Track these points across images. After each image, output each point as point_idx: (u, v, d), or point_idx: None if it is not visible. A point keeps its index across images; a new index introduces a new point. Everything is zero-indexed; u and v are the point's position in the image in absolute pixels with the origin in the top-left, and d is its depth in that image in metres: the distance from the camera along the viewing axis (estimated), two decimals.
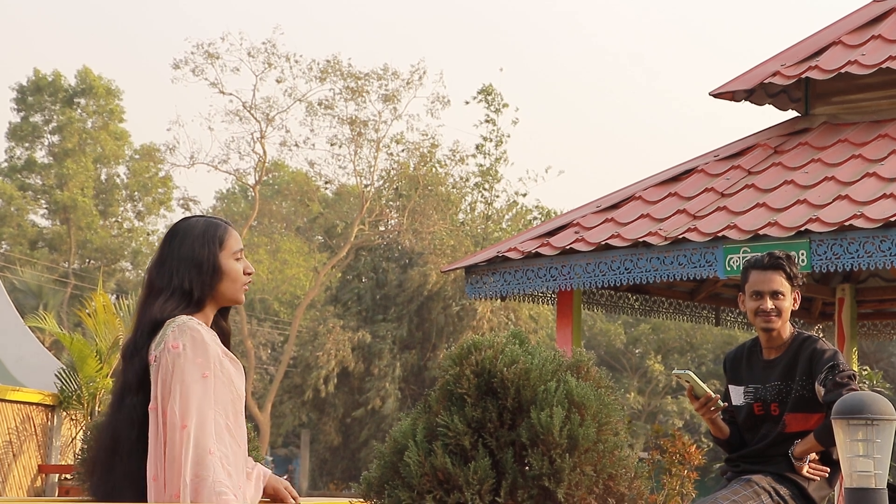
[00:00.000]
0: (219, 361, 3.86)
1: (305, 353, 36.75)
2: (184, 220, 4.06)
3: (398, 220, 38.28)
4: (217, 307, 4.02)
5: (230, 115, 37.10)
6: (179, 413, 3.75)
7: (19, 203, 45.73)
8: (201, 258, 3.93)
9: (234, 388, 3.89)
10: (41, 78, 46.52)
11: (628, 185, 11.10)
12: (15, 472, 14.75)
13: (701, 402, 5.40)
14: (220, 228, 3.99)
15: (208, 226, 3.98)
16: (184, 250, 3.94)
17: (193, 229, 3.98)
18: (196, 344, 3.82)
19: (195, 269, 3.92)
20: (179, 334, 3.84)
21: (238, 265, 3.98)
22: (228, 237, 3.98)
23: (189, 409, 3.76)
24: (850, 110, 10.88)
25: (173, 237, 3.98)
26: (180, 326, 3.85)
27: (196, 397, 3.78)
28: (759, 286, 5.43)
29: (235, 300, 4.01)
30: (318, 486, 37.63)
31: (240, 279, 3.98)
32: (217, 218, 4.08)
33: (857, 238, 9.05)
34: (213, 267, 3.92)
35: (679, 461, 11.81)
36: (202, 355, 3.82)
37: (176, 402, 3.77)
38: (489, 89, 39.34)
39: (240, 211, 48.48)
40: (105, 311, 15.33)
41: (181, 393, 3.78)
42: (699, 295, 12.23)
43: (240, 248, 4.01)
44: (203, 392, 3.80)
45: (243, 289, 4.02)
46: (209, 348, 3.84)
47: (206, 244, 3.94)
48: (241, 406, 3.94)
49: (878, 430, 4.31)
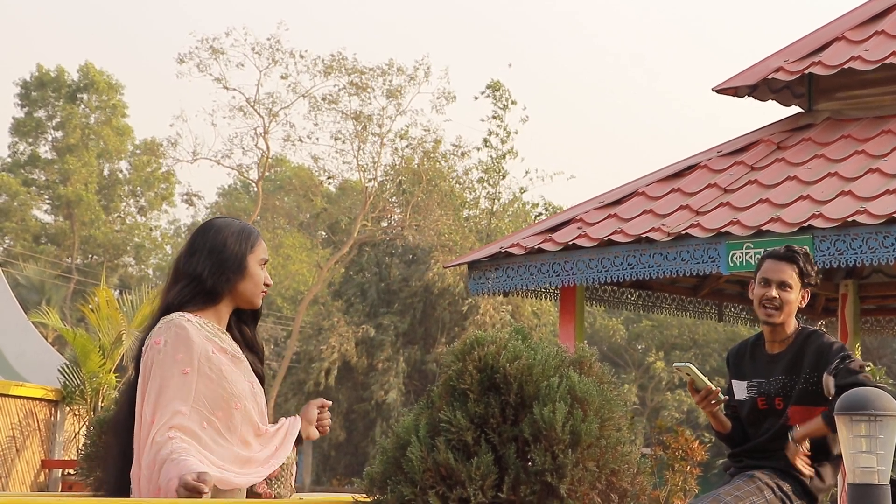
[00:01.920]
0: (206, 358, 3.84)
1: (309, 347, 36.78)
2: (219, 217, 4.17)
3: (401, 216, 38.28)
4: (234, 306, 4.05)
5: (233, 111, 37.15)
6: (151, 410, 3.76)
7: (23, 199, 45.75)
8: (231, 252, 4.01)
9: (228, 386, 3.86)
10: (44, 73, 46.54)
11: (631, 181, 11.10)
12: (18, 468, 14.77)
13: (701, 395, 5.40)
14: (254, 232, 4.11)
15: (243, 227, 4.10)
16: (217, 242, 4.02)
17: (230, 226, 4.08)
18: (179, 340, 3.83)
19: (221, 261, 3.99)
20: (165, 330, 3.86)
21: (261, 272, 4.07)
22: (259, 243, 4.09)
23: (160, 405, 3.75)
24: (853, 106, 10.88)
25: (208, 230, 4.06)
26: (168, 322, 3.87)
27: (170, 393, 3.76)
28: (768, 274, 5.44)
29: (252, 303, 4.07)
30: (322, 482, 37.68)
31: (260, 284, 4.05)
32: (250, 224, 4.19)
33: (860, 234, 9.05)
34: (239, 263, 4.00)
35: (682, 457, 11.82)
36: (184, 351, 3.82)
37: (151, 399, 3.77)
38: (497, 85, 39.32)
39: (242, 207, 48.51)
40: (108, 306, 15.37)
41: (156, 389, 3.78)
42: (702, 291, 12.24)
43: (266, 257, 4.11)
44: (179, 387, 3.78)
45: (261, 294, 4.08)
46: (193, 345, 3.83)
47: (239, 241, 4.04)
48: (244, 405, 3.89)
49: (881, 426, 4.31)
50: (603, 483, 3.53)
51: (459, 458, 3.46)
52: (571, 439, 3.46)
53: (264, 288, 4.08)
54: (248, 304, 4.07)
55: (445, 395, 3.63)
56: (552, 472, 3.43)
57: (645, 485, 3.64)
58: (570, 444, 3.46)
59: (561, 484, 3.43)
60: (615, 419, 3.59)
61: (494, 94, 39.30)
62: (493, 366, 3.59)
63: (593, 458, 3.49)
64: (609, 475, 3.54)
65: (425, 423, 3.58)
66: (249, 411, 3.90)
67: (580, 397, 3.54)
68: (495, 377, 3.57)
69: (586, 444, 3.48)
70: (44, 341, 18.30)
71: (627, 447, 3.59)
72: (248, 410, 3.90)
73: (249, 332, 4.13)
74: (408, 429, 3.60)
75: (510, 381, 3.55)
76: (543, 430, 3.45)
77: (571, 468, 3.44)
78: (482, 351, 3.63)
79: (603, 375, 3.73)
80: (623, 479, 3.56)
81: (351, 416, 37.18)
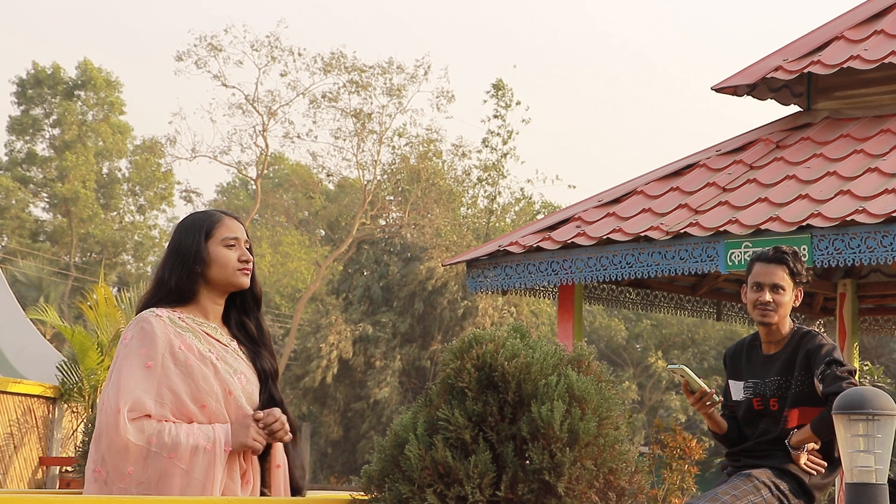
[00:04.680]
0: (170, 353, 3.82)
1: (307, 344, 36.77)
2: (190, 214, 4.12)
3: (400, 214, 38.27)
4: (220, 296, 4.00)
5: (233, 108, 37.13)
6: (114, 399, 3.74)
7: (20, 196, 45.72)
8: (184, 248, 3.96)
9: (198, 381, 3.83)
10: (41, 71, 46.50)
11: (630, 180, 11.10)
12: (16, 464, 14.77)
13: (696, 396, 5.40)
14: (211, 218, 4.02)
15: (199, 217, 4.02)
16: (173, 241, 4.00)
17: (186, 221, 4.04)
18: (144, 335, 3.83)
19: (179, 260, 3.96)
20: (133, 326, 3.87)
21: (229, 252, 3.97)
22: (218, 226, 3.99)
23: (122, 392, 3.74)
24: (852, 105, 10.88)
25: (173, 233, 4.05)
26: (137, 320, 3.88)
27: (131, 383, 3.75)
28: (760, 278, 5.44)
29: (235, 284, 3.99)
30: (319, 480, 37.66)
31: (230, 265, 3.96)
32: (215, 210, 4.09)
33: (858, 233, 9.05)
34: (195, 256, 3.93)
35: (680, 456, 11.82)
36: (148, 346, 3.81)
37: (111, 388, 3.76)
38: (500, 84, 39.30)
39: (240, 204, 48.49)
40: (106, 303, 15.36)
41: (118, 380, 3.77)
42: (700, 290, 12.24)
43: (233, 237, 3.99)
44: (142, 380, 3.77)
45: (241, 273, 3.98)
46: (157, 339, 3.82)
47: (190, 234, 3.97)
48: (210, 404, 3.85)
49: (878, 425, 4.31)
50: (601, 481, 3.53)
51: (457, 457, 3.46)
52: (569, 438, 3.46)
53: (241, 266, 3.98)
54: (232, 286, 3.99)
55: (443, 394, 3.63)
56: (550, 470, 3.43)
57: (643, 483, 3.64)
58: (567, 443, 3.46)
59: (559, 482, 3.43)
60: (613, 418, 3.59)
61: (497, 93, 39.30)
62: (491, 364, 3.59)
63: (591, 456, 3.50)
64: (607, 474, 3.54)
65: (423, 422, 3.58)
66: (215, 412, 3.86)
67: (578, 396, 3.54)
68: (493, 375, 3.57)
69: (584, 443, 3.48)
70: (42, 338, 18.30)
71: (625, 446, 3.59)
72: (214, 411, 3.86)
73: (251, 323, 4.06)
74: (406, 427, 3.60)
75: (508, 379, 3.55)
76: (541, 429, 3.45)
77: (569, 467, 3.44)
78: (480, 349, 3.63)
79: (601, 374, 3.73)
80: (621, 478, 3.56)
81: (348, 413, 37.19)
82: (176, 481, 3.71)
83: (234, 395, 3.90)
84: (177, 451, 3.72)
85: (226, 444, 3.81)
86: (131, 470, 3.70)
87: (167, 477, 3.71)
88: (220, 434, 3.81)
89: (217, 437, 3.79)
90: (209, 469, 3.77)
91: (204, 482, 3.74)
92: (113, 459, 3.71)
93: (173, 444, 3.72)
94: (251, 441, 3.87)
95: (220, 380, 3.88)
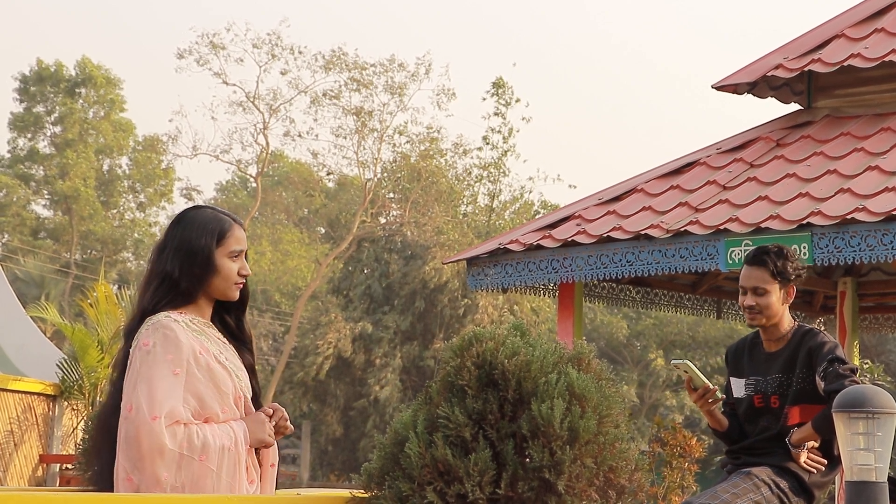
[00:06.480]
0: (193, 358, 3.79)
1: (307, 341, 36.77)
2: (192, 208, 4.00)
3: (400, 212, 38.26)
4: (213, 302, 3.97)
5: (234, 106, 37.12)
6: (147, 406, 3.68)
7: (21, 193, 45.72)
8: (196, 249, 3.87)
9: (215, 385, 3.82)
10: (44, 68, 46.51)
11: (630, 178, 11.10)
12: (16, 462, 14.77)
13: (699, 393, 5.40)
14: (224, 224, 3.93)
15: (211, 219, 3.92)
16: (182, 239, 3.89)
17: (196, 219, 3.92)
18: (168, 341, 3.77)
19: (188, 259, 3.87)
20: (153, 332, 3.79)
21: (232, 264, 3.92)
22: (229, 235, 3.91)
23: (156, 401, 3.69)
24: (852, 103, 10.88)
25: (177, 224, 3.94)
26: (155, 324, 3.80)
27: (163, 391, 3.71)
28: (742, 281, 5.48)
29: (227, 297, 3.95)
30: (319, 478, 37.67)
31: (231, 278, 3.91)
32: (226, 213, 4.00)
33: (858, 231, 9.05)
34: (205, 260, 3.87)
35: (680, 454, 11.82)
36: (173, 352, 3.76)
37: (142, 396, 3.70)
38: (500, 82, 39.29)
39: (240, 202, 48.48)
40: (107, 301, 15.36)
41: (149, 388, 3.71)
42: (700, 288, 12.24)
43: (240, 249, 3.93)
44: (172, 387, 3.73)
45: (236, 287, 3.94)
46: (182, 345, 3.77)
47: (203, 236, 3.88)
48: (231, 405, 3.86)
49: (878, 423, 4.31)
50: (601, 479, 3.53)
51: (457, 455, 3.46)
52: (569, 436, 3.47)
53: (238, 280, 3.93)
54: (224, 297, 3.95)
55: (444, 391, 3.63)
56: (550, 468, 3.44)
57: (643, 481, 3.64)
58: (567, 441, 3.46)
59: (559, 480, 3.43)
60: (613, 416, 3.60)
61: (497, 91, 39.29)
62: (491, 362, 3.59)
63: (591, 454, 3.50)
64: (607, 471, 3.54)
65: (423, 419, 3.58)
66: (232, 411, 3.87)
67: (578, 394, 3.54)
68: (493, 373, 3.57)
69: (584, 441, 3.49)
70: (42, 336, 18.28)
71: (625, 444, 3.59)
72: (235, 410, 3.87)
73: (233, 322, 4.02)
74: (406, 425, 3.60)
75: (508, 377, 3.55)
76: (541, 427, 3.45)
77: (569, 464, 3.44)
78: (480, 347, 3.63)
79: (601, 372, 3.73)
80: (621, 476, 3.56)
81: (349, 411, 37.20)
82: (207, 483, 3.69)
83: (243, 393, 3.92)
84: (207, 452, 3.71)
85: (245, 441, 3.83)
86: (166, 476, 3.66)
87: (198, 479, 3.69)
88: (239, 432, 3.82)
89: (237, 436, 3.81)
90: (235, 468, 3.77)
91: (231, 482, 3.74)
92: (147, 466, 3.67)
93: (203, 445, 3.71)
94: (268, 437, 3.89)
95: (232, 379, 3.90)
